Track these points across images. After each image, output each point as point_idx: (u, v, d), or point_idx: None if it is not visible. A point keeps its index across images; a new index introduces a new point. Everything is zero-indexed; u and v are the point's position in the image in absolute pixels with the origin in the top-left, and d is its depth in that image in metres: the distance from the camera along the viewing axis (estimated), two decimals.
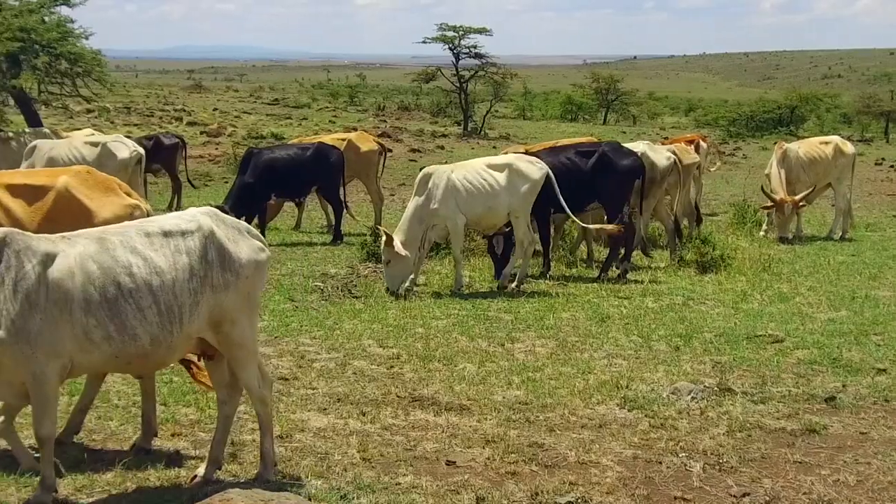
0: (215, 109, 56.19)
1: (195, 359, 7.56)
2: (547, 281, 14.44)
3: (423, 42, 54.69)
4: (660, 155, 15.97)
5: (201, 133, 41.33)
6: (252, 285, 6.56)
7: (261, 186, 17.87)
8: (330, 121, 52.10)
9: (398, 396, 8.89)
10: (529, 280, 14.36)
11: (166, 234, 6.34)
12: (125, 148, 16.87)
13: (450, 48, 52.50)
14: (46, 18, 24.85)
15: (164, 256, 6.26)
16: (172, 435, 7.84)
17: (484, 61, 53.03)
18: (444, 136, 47.33)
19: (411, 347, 10.57)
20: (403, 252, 13.59)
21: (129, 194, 7.49)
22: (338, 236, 18.31)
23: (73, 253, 6.08)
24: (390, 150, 36.50)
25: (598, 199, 14.93)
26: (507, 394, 9.03)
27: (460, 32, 52.50)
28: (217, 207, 17.48)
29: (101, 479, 6.86)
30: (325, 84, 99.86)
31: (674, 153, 17.89)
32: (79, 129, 24.61)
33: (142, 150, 17.09)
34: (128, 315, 6.11)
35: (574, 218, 14.43)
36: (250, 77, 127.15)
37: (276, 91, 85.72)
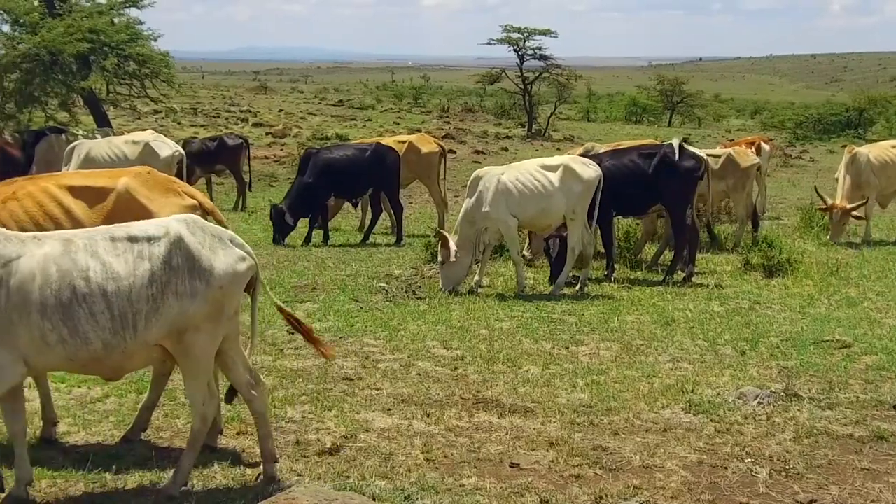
0: (280, 111, 56.54)
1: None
2: (611, 284, 14.38)
3: (488, 44, 54.81)
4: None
5: (266, 134, 41.63)
6: (225, 295, 6.42)
7: (319, 186, 17.98)
8: (394, 122, 52.25)
9: (462, 398, 8.90)
10: (593, 283, 14.30)
11: (132, 240, 6.26)
12: (167, 147, 17.08)
13: (514, 50, 52.47)
14: (116, 20, 25.15)
15: (124, 262, 6.18)
16: (238, 433, 7.89)
17: (548, 63, 52.97)
18: (507, 137, 47.30)
19: (475, 349, 10.57)
20: (456, 253, 13.66)
21: (188, 193, 7.53)
22: (400, 237, 18.38)
23: (38, 254, 6.09)
24: (453, 152, 36.72)
25: (661, 200, 14.84)
26: (572, 396, 9.00)
27: (525, 34, 52.47)
28: (274, 207, 17.82)
29: (168, 476, 6.91)
30: (390, 85, 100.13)
31: (730, 156, 17.79)
32: (145, 129, 24.84)
33: (182, 150, 17.29)
34: (80, 319, 6.06)
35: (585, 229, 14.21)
36: (315, 78, 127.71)
37: (341, 92, 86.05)
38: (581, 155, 15.67)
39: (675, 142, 15.33)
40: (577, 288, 13.80)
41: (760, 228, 18.27)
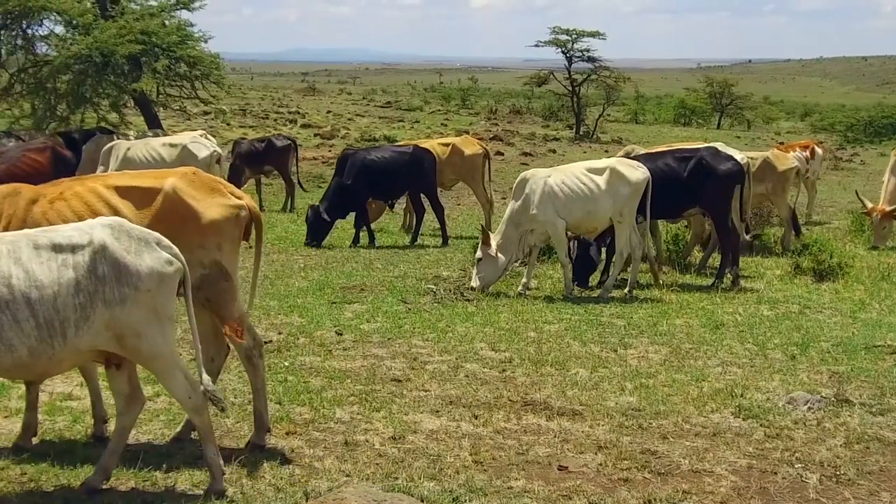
0: (329, 112, 56.79)
1: None
2: (660, 287, 14.32)
3: (536, 45, 54.83)
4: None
5: (315, 135, 41.81)
6: (156, 298, 6.32)
7: (356, 188, 18.04)
8: (442, 124, 52.33)
9: (510, 400, 8.89)
10: (642, 286, 14.25)
11: (55, 248, 6.17)
12: (205, 148, 17.23)
13: (562, 52, 52.51)
14: (167, 22, 25.34)
15: (48, 270, 6.09)
16: (287, 433, 7.92)
17: (596, 65, 52.95)
18: (555, 139, 47.27)
19: (524, 351, 10.56)
20: (498, 254, 13.69)
21: (234, 194, 7.57)
22: (445, 238, 18.38)
23: None
24: (500, 154, 36.72)
25: (700, 204, 14.75)
26: (620, 400, 8.97)
27: (573, 36, 52.49)
28: (311, 207, 17.92)
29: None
30: (438, 87, 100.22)
31: (767, 159, 17.65)
32: (195, 130, 25.02)
33: (220, 150, 17.40)
34: (3, 326, 6.00)
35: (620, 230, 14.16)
36: (363, 80, 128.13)
37: (389, 94, 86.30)
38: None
39: (719, 145, 15.29)
40: (626, 291, 13.75)
41: (801, 234, 18.05)
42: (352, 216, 18.48)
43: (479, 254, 13.81)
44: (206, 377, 6.63)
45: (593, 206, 13.71)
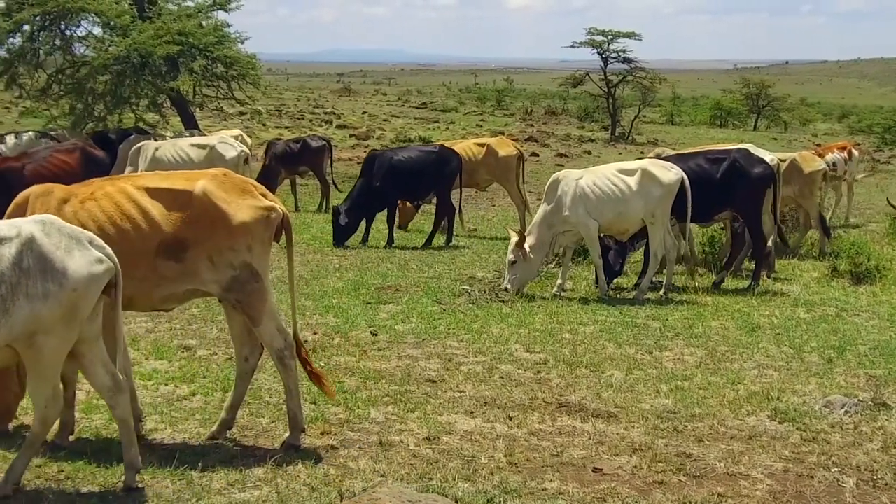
0: (364, 113, 56.90)
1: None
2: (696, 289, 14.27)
3: (572, 46, 54.71)
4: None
5: (350, 136, 41.91)
6: (80, 297, 6.26)
7: (381, 189, 18.06)
8: (477, 125, 52.34)
9: (545, 402, 8.88)
10: (677, 288, 14.21)
11: None
12: (232, 149, 17.33)
13: (598, 53, 52.40)
14: (204, 23, 25.44)
15: None
16: (322, 433, 7.94)
17: (632, 66, 52.85)
18: (591, 140, 47.20)
19: (558, 353, 10.55)
20: (530, 255, 13.67)
21: (265, 195, 7.59)
22: (429, 241, 18.33)
23: None
24: (536, 155, 36.69)
25: (732, 207, 14.67)
26: (655, 402, 8.95)
27: (609, 37, 52.39)
28: (334, 209, 17.97)
29: (253, 474, 7.01)
30: (473, 88, 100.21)
31: (794, 161, 17.52)
32: (231, 130, 25.16)
33: (248, 151, 17.48)
34: None
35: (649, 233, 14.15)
36: (398, 81, 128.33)
37: (424, 95, 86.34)
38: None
39: (750, 146, 15.22)
40: (661, 293, 13.71)
41: (832, 237, 17.88)
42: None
43: (510, 255, 13.80)
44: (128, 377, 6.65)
45: (625, 207, 13.67)
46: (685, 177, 13.72)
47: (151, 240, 7.23)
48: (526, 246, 13.67)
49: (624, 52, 52.53)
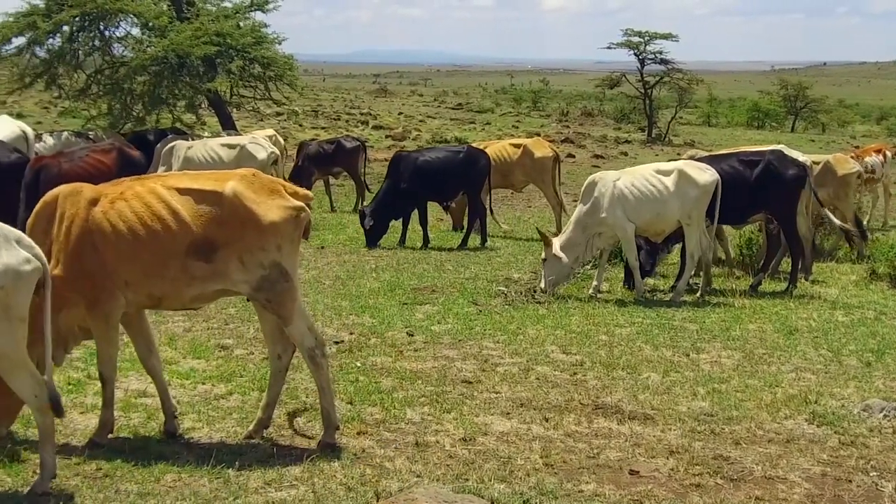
0: (400, 114, 56.93)
1: None
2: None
3: (608, 47, 54.64)
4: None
5: (386, 136, 41.96)
6: (9, 296, 6.24)
7: (408, 190, 18.06)
8: (513, 126, 52.30)
9: (581, 403, 8.87)
10: (714, 291, 14.15)
11: None
12: (262, 149, 17.45)
13: (635, 54, 52.28)
14: (241, 24, 25.53)
15: None
16: (358, 433, 7.95)
17: (669, 67, 52.67)
18: (627, 142, 47.08)
19: (595, 355, 10.53)
20: (561, 255, 13.67)
21: (294, 194, 7.60)
22: (464, 243, 18.31)
23: None
24: (572, 157, 36.63)
25: (766, 210, 14.60)
26: (692, 405, 8.91)
27: (646, 38, 52.26)
28: (360, 211, 18.05)
29: (290, 473, 7.03)
30: (509, 89, 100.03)
31: (828, 163, 17.40)
32: (267, 130, 25.26)
33: (278, 151, 17.59)
34: None
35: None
36: (434, 82, 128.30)
37: (460, 96, 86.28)
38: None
39: (782, 147, 15.14)
40: (698, 295, 13.66)
41: (867, 239, 17.73)
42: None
43: (543, 256, 13.83)
44: (49, 377, 6.60)
45: (662, 208, 13.63)
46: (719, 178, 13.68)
47: (182, 240, 7.27)
48: (558, 246, 13.67)
49: (661, 53, 52.40)
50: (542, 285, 13.69)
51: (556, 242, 13.75)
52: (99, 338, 7.55)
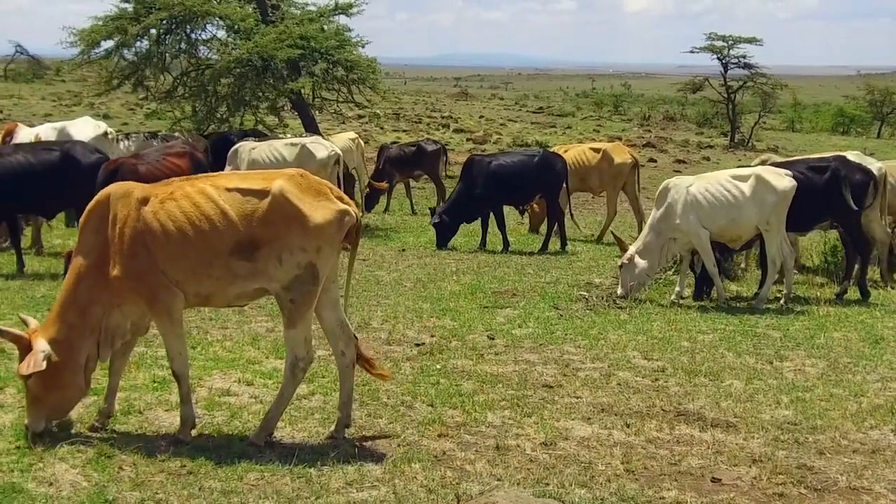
0: (481, 117, 56.94)
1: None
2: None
3: (691, 52, 54.10)
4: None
5: (467, 140, 42.00)
6: None
7: (480, 194, 18.06)
8: (594, 130, 52.08)
9: (663, 410, 8.82)
10: (798, 298, 14.00)
11: None
12: (323, 148, 17.66)
13: (718, 58, 51.78)
14: (325, 27, 25.62)
15: None
16: (438, 436, 7.97)
17: (753, 71, 52.06)
18: (709, 147, 46.68)
19: (677, 361, 10.46)
20: (637, 261, 13.68)
21: (340, 198, 7.65)
22: (544, 247, 18.27)
23: None
24: (654, 161, 36.41)
25: (831, 216, 14.43)
26: (776, 413, 8.82)
27: (729, 42, 51.71)
28: (431, 210, 18.15)
29: (371, 474, 7.07)
30: (590, 93, 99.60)
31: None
32: (348, 133, 25.44)
33: (339, 151, 17.79)
34: None
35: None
36: (515, 85, 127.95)
37: (541, 99, 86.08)
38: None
39: (855, 154, 14.95)
40: (781, 302, 13.52)
41: None
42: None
43: (620, 261, 13.81)
44: None
45: (737, 213, 13.53)
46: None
47: (228, 239, 7.38)
48: (634, 252, 13.63)
49: (744, 57, 51.87)
50: (620, 291, 13.65)
51: (633, 248, 13.72)
52: (165, 334, 7.68)
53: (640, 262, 13.66)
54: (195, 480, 6.88)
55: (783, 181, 13.54)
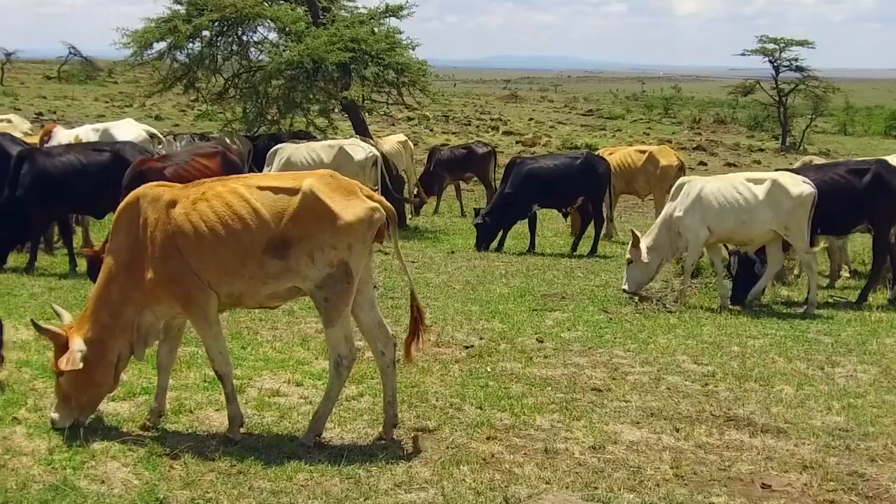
0: (530, 119, 56.99)
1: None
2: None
3: (742, 54, 53.92)
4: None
5: (517, 142, 42.02)
6: None
7: (522, 196, 18.04)
8: (644, 132, 51.95)
9: (713, 415, 8.77)
10: (847, 304, 13.90)
11: None
12: (361, 150, 17.81)
13: (769, 61, 51.45)
14: (376, 30, 25.70)
15: None
16: (487, 438, 7.96)
17: (805, 74, 51.70)
18: (760, 150, 46.41)
19: (726, 366, 10.40)
20: (644, 256, 13.67)
21: (370, 197, 7.68)
22: (593, 250, 18.26)
23: None
24: (704, 164, 36.24)
25: (867, 219, 14.31)
26: (827, 419, 8.75)
27: (781, 45, 51.39)
28: (475, 210, 18.19)
29: (420, 476, 7.09)
30: (640, 95, 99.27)
31: None
32: (398, 135, 25.56)
33: (377, 153, 17.90)
34: None
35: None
36: (565, 88, 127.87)
37: (591, 102, 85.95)
38: (794, 169, 15.28)
39: (893, 157, 14.84)
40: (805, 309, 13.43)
41: None
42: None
43: (628, 255, 13.78)
44: None
45: (747, 216, 13.47)
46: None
47: (260, 239, 7.41)
48: (643, 247, 13.61)
49: (796, 60, 51.51)
50: (625, 286, 13.65)
51: (643, 242, 13.70)
52: (203, 335, 7.74)
53: (646, 258, 13.63)
54: (245, 480, 6.92)
55: (800, 187, 13.48)
